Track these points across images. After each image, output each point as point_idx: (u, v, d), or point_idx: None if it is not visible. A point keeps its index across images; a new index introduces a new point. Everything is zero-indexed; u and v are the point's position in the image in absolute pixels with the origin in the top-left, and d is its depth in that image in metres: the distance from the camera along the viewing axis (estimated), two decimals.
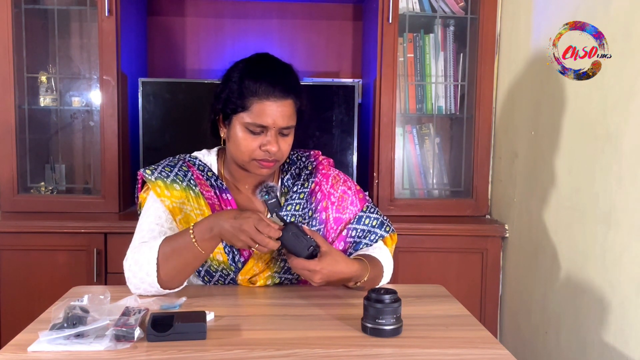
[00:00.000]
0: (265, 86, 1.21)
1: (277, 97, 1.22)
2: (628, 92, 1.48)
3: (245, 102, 1.22)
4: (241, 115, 1.23)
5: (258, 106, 1.21)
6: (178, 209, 1.27)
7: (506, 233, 2.17)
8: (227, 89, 1.26)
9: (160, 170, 1.31)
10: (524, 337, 2.02)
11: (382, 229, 1.38)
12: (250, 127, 1.23)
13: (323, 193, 1.37)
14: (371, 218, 1.38)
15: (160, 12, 2.60)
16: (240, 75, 1.25)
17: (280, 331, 1.05)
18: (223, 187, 1.33)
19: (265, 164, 1.26)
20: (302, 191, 1.35)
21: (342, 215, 1.37)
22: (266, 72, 1.25)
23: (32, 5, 2.23)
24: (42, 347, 0.94)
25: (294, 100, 1.25)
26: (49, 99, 2.28)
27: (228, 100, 1.25)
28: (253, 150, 1.24)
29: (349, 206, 1.38)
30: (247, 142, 1.23)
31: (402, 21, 2.24)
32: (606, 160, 1.56)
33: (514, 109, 2.13)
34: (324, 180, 1.38)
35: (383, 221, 1.40)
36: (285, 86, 1.23)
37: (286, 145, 1.27)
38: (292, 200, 1.34)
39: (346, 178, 1.43)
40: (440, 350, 0.98)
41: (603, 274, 1.56)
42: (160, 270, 1.17)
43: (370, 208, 1.40)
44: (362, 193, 1.43)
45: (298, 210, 1.33)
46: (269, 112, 1.21)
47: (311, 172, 1.39)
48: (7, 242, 2.06)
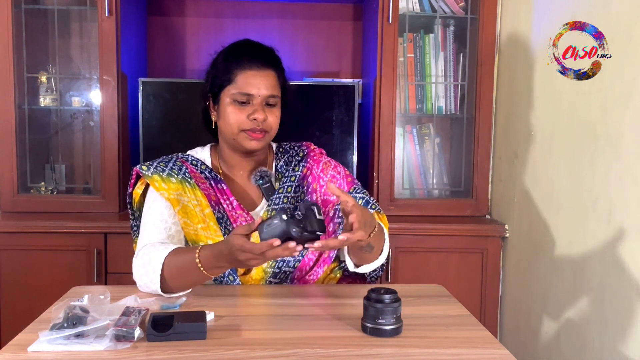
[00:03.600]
0: (246, 58, 1.32)
1: (259, 66, 1.31)
2: (628, 92, 1.48)
3: (230, 75, 1.32)
4: (227, 89, 1.32)
5: (242, 77, 1.31)
6: (176, 200, 1.30)
7: (506, 233, 2.17)
8: (213, 71, 1.36)
9: (156, 165, 1.35)
10: (524, 337, 2.02)
11: (367, 207, 1.37)
12: (237, 97, 1.31)
13: (314, 176, 1.41)
14: (357, 197, 1.39)
15: (160, 12, 2.60)
16: (224, 56, 1.36)
17: (280, 331, 1.05)
18: (218, 178, 1.37)
19: (254, 135, 1.31)
20: (293, 174, 1.41)
21: (330, 197, 1.40)
22: (246, 47, 1.36)
23: (32, 5, 2.23)
24: (42, 347, 0.94)
25: (275, 71, 1.34)
26: (49, 99, 2.28)
27: (215, 78, 1.35)
28: (241, 121, 1.31)
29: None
30: (235, 113, 1.31)
31: (402, 21, 2.24)
32: (606, 160, 1.56)
33: (514, 109, 2.13)
34: (314, 165, 1.43)
35: (368, 200, 1.40)
36: (265, 57, 1.34)
37: (274, 117, 1.33)
38: (284, 184, 1.39)
39: (336, 164, 1.46)
40: (440, 350, 0.97)
41: (603, 274, 1.56)
42: (164, 283, 1.19)
43: (357, 189, 1.42)
44: (350, 177, 1.45)
45: (290, 193, 1.38)
46: (252, 81, 1.30)
47: (302, 158, 1.45)
48: (7, 242, 2.06)
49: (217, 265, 1.14)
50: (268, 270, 1.33)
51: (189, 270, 1.16)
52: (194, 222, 1.30)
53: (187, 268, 1.17)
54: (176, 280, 1.19)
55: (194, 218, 1.30)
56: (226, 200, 1.34)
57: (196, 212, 1.31)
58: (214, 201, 1.33)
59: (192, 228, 1.30)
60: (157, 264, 1.19)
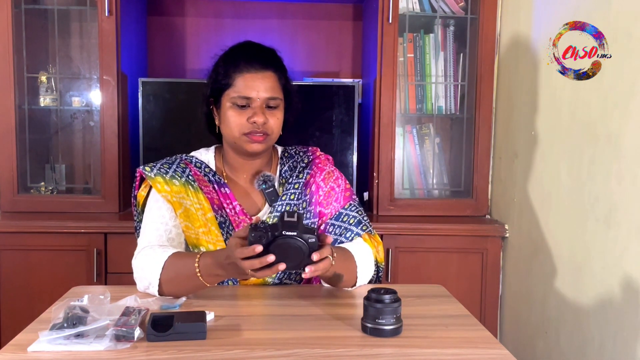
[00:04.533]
0: (244, 60, 1.30)
1: (257, 68, 1.30)
2: (628, 92, 1.48)
3: (229, 79, 1.31)
4: (227, 92, 1.31)
5: (241, 80, 1.29)
6: (178, 203, 1.30)
7: (506, 233, 2.17)
8: (214, 75, 1.35)
9: (159, 167, 1.34)
10: (524, 337, 2.02)
11: (358, 227, 1.36)
12: (237, 101, 1.29)
13: (317, 185, 1.39)
14: (349, 216, 1.38)
15: (160, 12, 2.60)
16: (224, 60, 1.34)
17: (280, 331, 1.05)
18: (221, 182, 1.36)
19: (255, 138, 1.30)
20: (297, 182, 1.39)
21: (325, 210, 1.39)
22: (245, 50, 1.35)
23: (32, 5, 2.23)
24: (42, 347, 0.94)
25: (275, 72, 1.32)
26: (49, 99, 2.28)
27: (215, 82, 1.33)
28: (242, 125, 1.29)
29: (333, 202, 1.39)
30: (235, 117, 1.30)
31: (402, 21, 2.25)
32: (606, 160, 1.56)
33: (514, 109, 2.13)
34: (318, 172, 1.41)
35: (361, 220, 1.38)
36: (263, 59, 1.32)
37: (275, 120, 1.32)
38: (287, 190, 1.37)
39: (339, 176, 1.43)
40: (440, 350, 0.97)
41: (603, 274, 1.56)
42: (162, 287, 1.19)
43: (352, 207, 1.39)
44: (349, 192, 1.43)
45: (293, 200, 1.37)
46: (251, 84, 1.29)
47: (307, 164, 1.43)
48: (7, 242, 2.06)
49: (214, 272, 1.13)
50: (268, 280, 1.33)
51: (187, 276, 1.16)
52: (196, 225, 1.30)
53: (185, 274, 1.16)
54: (173, 287, 1.18)
55: (195, 222, 1.30)
56: (229, 204, 1.33)
57: (198, 215, 1.30)
58: (216, 205, 1.33)
59: (193, 232, 1.30)
60: (156, 269, 1.18)
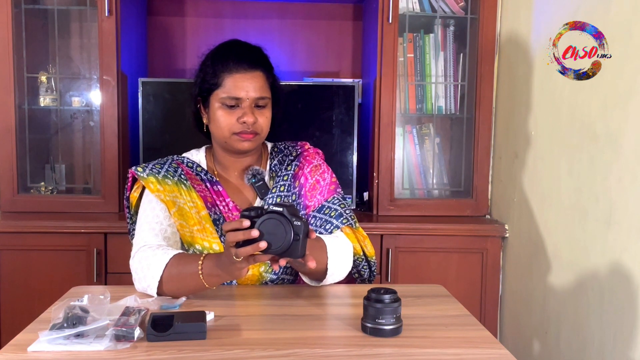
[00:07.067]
0: (233, 60, 1.30)
1: (246, 68, 1.30)
2: (628, 92, 1.48)
3: (217, 79, 1.31)
4: (216, 93, 1.31)
5: (230, 80, 1.30)
6: (171, 202, 1.31)
7: (506, 233, 2.17)
8: (202, 74, 1.35)
9: (151, 167, 1.35)
10: (524, 337, 2.02)
11: (338, 220, 1.36)
12: (226, 101, 1.30)
13: (305, 177, 1.41)
14: (331, 209, 1.38)
15: (160, 12, 2.60)
16: (212, 59, 1.34)
17: (280, 331, 1.05)
18: (213, 180, 1.37)
19: (245, 137, 1.31)
20: (285, 173, 1.41)
21: (309, 202, 1.39)
22: (233, 49, 1.34)
23: (32, 5, 2.23)
24: (42, 347, 0.94)
25: (263, 72, 1.33)
26: (49, 99, 2.28)
27: (203, 82, 1.33)
28: (232, 125, 1.30)
29: (317, 195, 1.40)
30: (225, 117, 1.30)
31: (402, 21, 2.24)
32: (606, 160, 1.56)
33: (514, 109, 2.13)
34: (305, 164, 1.42)
35: (342, 213, 1.38)
36: (252, 59, 1.32)
37: (264, 119, 1.33)
38: (277, 183, 1.39)
39: (325, 169, 1.44)
40: (440, 350, 0.97)
41: (603, 274, 1.56)
42: (162, 286, 1.19)
43: (335, 199, 1.40)
44: (334, 185, 1.43)
45: (283, 192, 1.38)
46: (240, 85, 1.29)
47: (295, 157, 1.44)
48: (7, 242, 2.06)
49: (214, 272, 1.13)
50: (265, 275, 1.33)
51: (189, 275, 1.16)
52: (190, 224, 1.30)
53: (187, 273, 1.17)
54: (173, 285, 1.18)
55: (189, 220, 1.30)
56: (222, 201, 1.35)
57: (192, 214, 1.31)
58: (210, 203, 1.34)
59: (187, 230, 1.30)
60: (157, 271, 1.18)
